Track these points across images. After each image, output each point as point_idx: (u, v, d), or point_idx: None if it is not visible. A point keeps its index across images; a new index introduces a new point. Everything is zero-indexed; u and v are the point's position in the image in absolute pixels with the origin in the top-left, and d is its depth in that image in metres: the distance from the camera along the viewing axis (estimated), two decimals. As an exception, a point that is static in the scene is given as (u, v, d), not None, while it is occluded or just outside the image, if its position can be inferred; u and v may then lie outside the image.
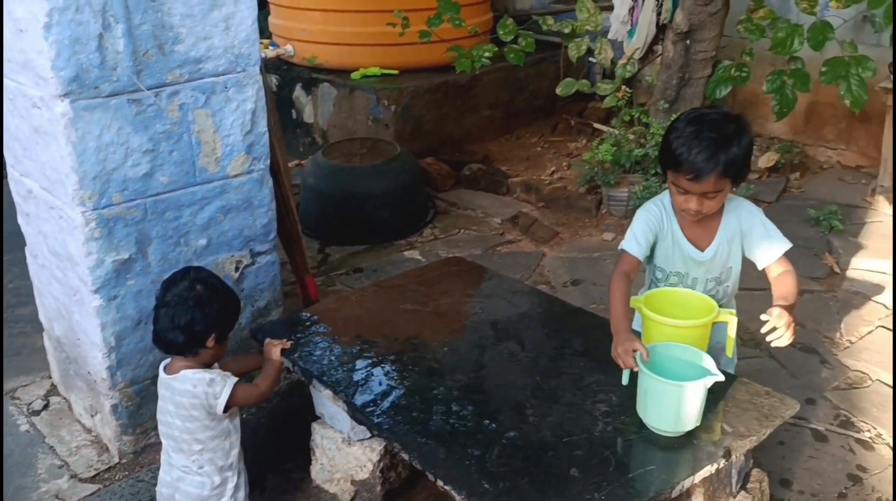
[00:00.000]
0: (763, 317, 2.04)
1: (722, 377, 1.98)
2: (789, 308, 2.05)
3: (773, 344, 2.03)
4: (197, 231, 2.53)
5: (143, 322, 2.46)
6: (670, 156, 2.11)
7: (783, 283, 2.17)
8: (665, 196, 2.28)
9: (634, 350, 2.00)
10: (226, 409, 2.09)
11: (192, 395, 2.07)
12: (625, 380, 2.09)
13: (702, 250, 2.26)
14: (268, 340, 2.42)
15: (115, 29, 2.19)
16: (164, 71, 2.32)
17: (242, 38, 2.45)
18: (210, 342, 2.11)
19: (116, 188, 2.32)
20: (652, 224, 2.25)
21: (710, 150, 2.05)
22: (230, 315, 2.19)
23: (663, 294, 2.26)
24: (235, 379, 2.13)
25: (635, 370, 2.01)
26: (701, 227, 2.25)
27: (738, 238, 2.25)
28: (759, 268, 2.25)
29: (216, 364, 2.20)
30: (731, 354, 2.25)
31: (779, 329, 2.01)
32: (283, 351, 2.38)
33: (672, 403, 1.96)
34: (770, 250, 2.20)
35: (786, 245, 2.21)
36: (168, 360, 2.16)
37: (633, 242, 2.24)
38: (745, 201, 2.29)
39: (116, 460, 2.58)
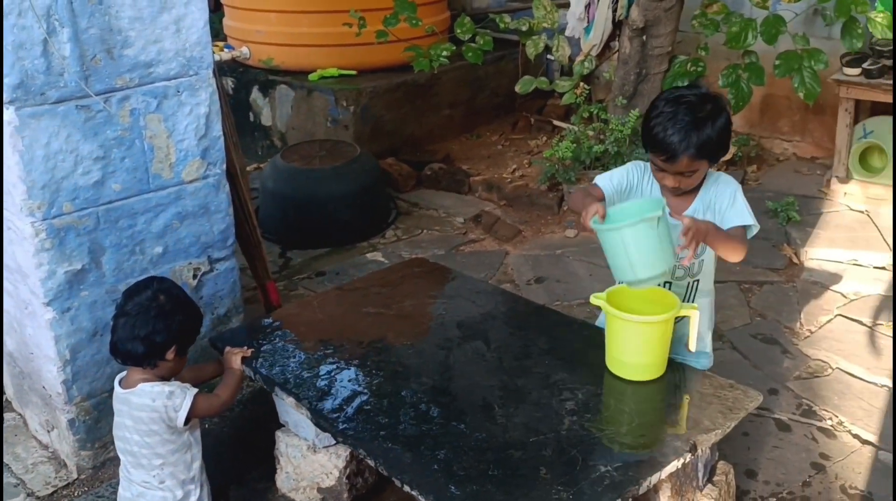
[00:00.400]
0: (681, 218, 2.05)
1: (659, 213, 1.97)
2: (710, 230, 2.07)
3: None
4: (152, 239, 2.47)
5: (98, 334, 2.40)
6: (648, 135, 2.16)
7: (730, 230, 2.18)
8: None
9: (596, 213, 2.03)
10: (186, 421, 2.05)
11: (152, 409, 2.02)
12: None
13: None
14: (228, 348, 2.37)
15: (60, 33, 2.13)
16: (114, 76, 2.26)
17: (194, 40, 2.40)
18: (170, 355, 2.06)
19: (67, 197, 2.26)
20: (631, 176, 2.29)
21: (683, 133, 2.08)
22: (192, 328, 2.15)
23: (626, 290, 2.25)
24: (195, 390, 2.09)
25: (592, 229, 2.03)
26: (679, 197, 2.27)
27: (712, 208, 2.26)
28: None
29: (173, 377, 2.15)
30: (694, 347, 2.25)
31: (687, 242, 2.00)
32: (243, 359, 2.34)
33: (619, 248, 1.99)
34: (732, 218, 2.20)
35: (749, 220, 2.19)
36: (123, 374, 2.11)
37: (607, 179, 2.29)
38: (725, 175, 2.31)
39: (75, 476, 2.52)
